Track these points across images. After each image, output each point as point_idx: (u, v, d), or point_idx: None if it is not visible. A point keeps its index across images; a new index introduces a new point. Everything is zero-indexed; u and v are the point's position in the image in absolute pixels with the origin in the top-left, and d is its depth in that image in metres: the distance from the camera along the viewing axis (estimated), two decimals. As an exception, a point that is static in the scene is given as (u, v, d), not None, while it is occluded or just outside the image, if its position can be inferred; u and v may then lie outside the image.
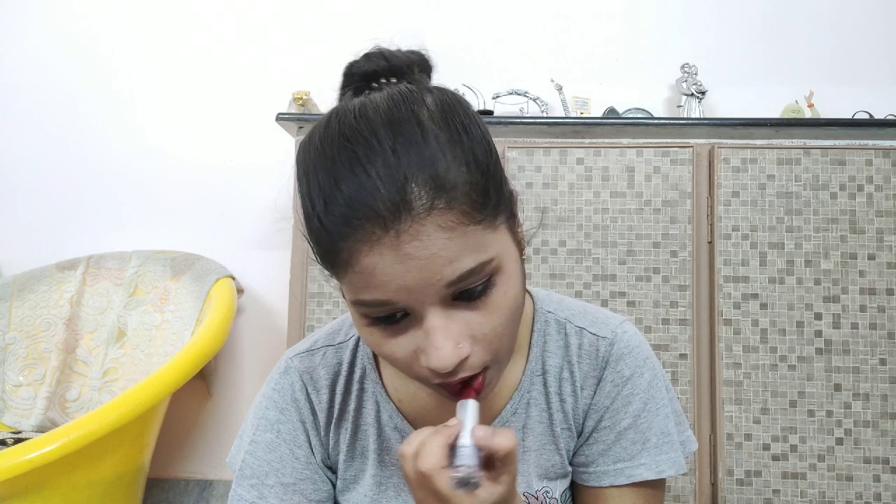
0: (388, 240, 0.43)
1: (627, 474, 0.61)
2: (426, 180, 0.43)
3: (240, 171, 2.01)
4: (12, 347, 1.80)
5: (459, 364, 0.47)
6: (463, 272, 0.44)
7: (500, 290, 0.47)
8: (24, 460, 1.20)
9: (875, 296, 1.49)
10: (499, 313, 0.48)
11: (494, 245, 0.47)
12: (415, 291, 0.44)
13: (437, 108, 0.47)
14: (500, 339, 0.49)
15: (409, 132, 0.45)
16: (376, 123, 0.45)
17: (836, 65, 1.94)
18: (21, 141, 2.09)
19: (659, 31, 1.99)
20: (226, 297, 1.73)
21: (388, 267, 0.44)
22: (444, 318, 0.46)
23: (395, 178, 0.43)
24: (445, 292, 0.45)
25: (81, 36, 2.10)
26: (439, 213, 0.43)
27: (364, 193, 0.43)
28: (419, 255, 0.43)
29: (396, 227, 0.43)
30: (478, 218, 0.45)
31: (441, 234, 0.43)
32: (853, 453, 1.45)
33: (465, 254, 0.44)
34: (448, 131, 0.46)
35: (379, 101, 0.48)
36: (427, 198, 0.43)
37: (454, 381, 0.48)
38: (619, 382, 0.62)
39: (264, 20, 2.06)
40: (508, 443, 0.45)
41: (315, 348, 0.66)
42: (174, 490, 1.94)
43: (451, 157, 0.45)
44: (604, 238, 1.54)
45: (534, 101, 1.85)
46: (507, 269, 0.48)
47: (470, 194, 0.45)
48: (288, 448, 0.63)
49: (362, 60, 0.52)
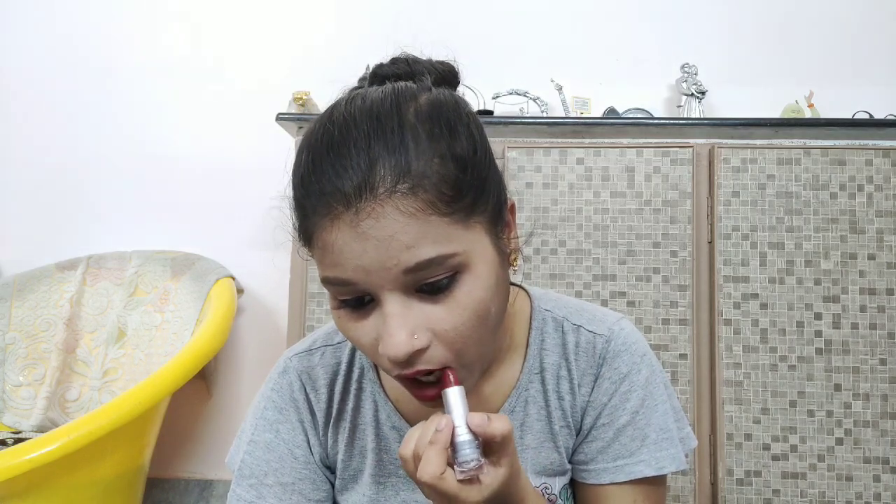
0: (347, 217, 0.45)
1: (627, 471, 0.61)
2: (393, 165, 0.45)
3: (240, 171, 2.01)
4: (12, 347, 1.80)
5: (415, 355, 0.47)
6: (420, 260, 0.45)
7: (465, 288, 0.47)
8: (24, 460, 1.20)
9: (875, 296, 1.49)
10: (461, 311, 0.47)
11: (462, 241, 0.47)
12: (372, 273, 0.45)
13: (427, 105, 0.49)
14: (463, 340, 0.48)
15: (387, 122, 0.47)
16: (361, 112, 0.48)
17: (836, 65, 1.94)
18: (21, 141, 2.09)
19: (659, 31, 1.99)
20: (226, 297, 1.73)
21: (346, 244, 0.45)
22: (403, 306, 0.46)
23: (363, 160, 0.45)
24: (404, 279, 0.45)
25: (81, 36, 2.10)
26: (401, 196, 0.44)
27: (333, 173, 0.45)
28: (375, 235, 0.44)
29: (357, 205, 0.44)
30: (444, 210, 0.46)
31: (399, 217, 0.44)
32: (853, 453, 1.45)
33: (424, 242, 0.45)
34: (430, 125, 0.47)
35: (373, 94, 0.50)
36: (390, 181, 0.44)
37: (409, 373, 0.48)
38: (617, 379, 0.62)
39: (264, 20, 2.06)
40: (505, 427, 0.46)
41: (314, 348, 0.66)
42: (174, 490, 1.94)
43: (423, 147, 0.46)
44: (604, 238, 1.54)
45: (534, 101, 1.85)
46: (476, 270, 0.48)
47: (439, 185, 0.46)
48: (287, 448, 0.63)
49: (388, 64, 0.55)
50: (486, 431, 0.45)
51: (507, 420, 0.46)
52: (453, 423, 0.46)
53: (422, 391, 0.50)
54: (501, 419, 0.46)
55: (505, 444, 0.46)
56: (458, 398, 0.47)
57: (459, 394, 0.48)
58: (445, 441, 0.46)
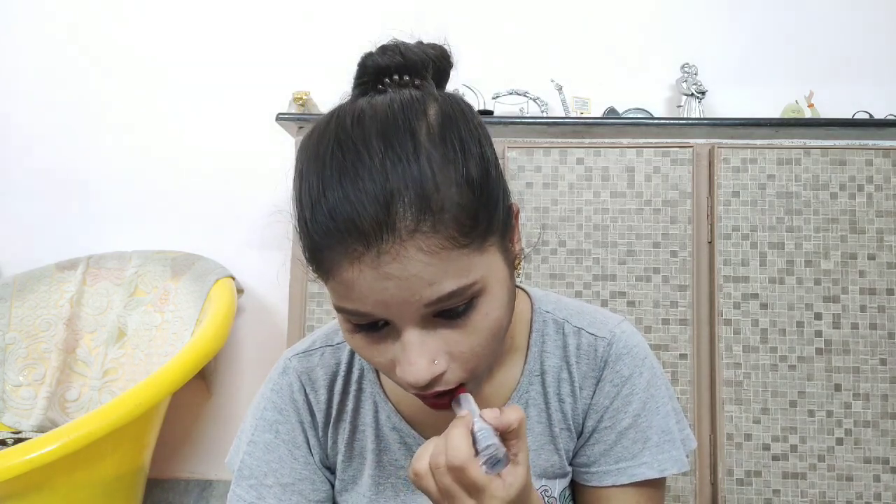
0: (368, 258, 0.43)
1: (629, 473, 0.61)
2: (412, 200, 0.42)
3: (240, 171, 2.01)
4: (12, 347, 1.80)
5: (434, 379, 0.47)
6: (442, 294, 0.44)
7: (482, 311, 0.47)
8: (24, 460, 1.20)
9: (875, 296, 1.49)
10: (478, 335, 0.48)
11: (480, 268, 0.46)
12: (393, 307, 0.45)
13: (437, 122, 0.46)
14: (477, 359, 0.49)
15: (401, 146, 0.44)
16: (370, 133, 0.45)
17: (836, 65, 1.94)
18: (21, 141, 2.09)
19: (659, 31, 1.99)
20: (226, 297, 1.73)
21: (367, 283, 0.44)
22: (422, 334, 0.46)
23: (380, 194, 0.42)
24: (424, 311, 0.45)
25: (81, 36, 2.10)
26: (423, 235, 0.42)
27: (348, 207, 0.43)
28: (399, 276, 0.43)
29: (378, 246, 0.42)
30: (463, 242, 0.44)
31: (422, 258, 0.43)
32: (853, 453, 1.45)
33: (446, 277, 0.44)
34: (444, 148, 0.45)
35: (379, 107, 0.47)
36: (412, 219, 0.42)
37: (428, 393, 0.48)
38: (619, 382, 0.62)
39: (264, 20, 2.06)
40: (517, 414, 0.46)
41: (313, 349, 0.66)
42: (174, 490, 1.94)
43: (441, 178, 0.44)
44: (604, 238, 1.54)
45: (534, 101, 1.85)
46: (491, 292, 0.48)
47: (458, 217, 0.44)
48: (286, 448, 0.63)
49: (378, 53, 0.51)
50: (502, 421, 0.45)
51: (520, 409, 0.46)
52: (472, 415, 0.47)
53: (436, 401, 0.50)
54: (514, 409, 0.46)
55: (520, 438, 0.46)
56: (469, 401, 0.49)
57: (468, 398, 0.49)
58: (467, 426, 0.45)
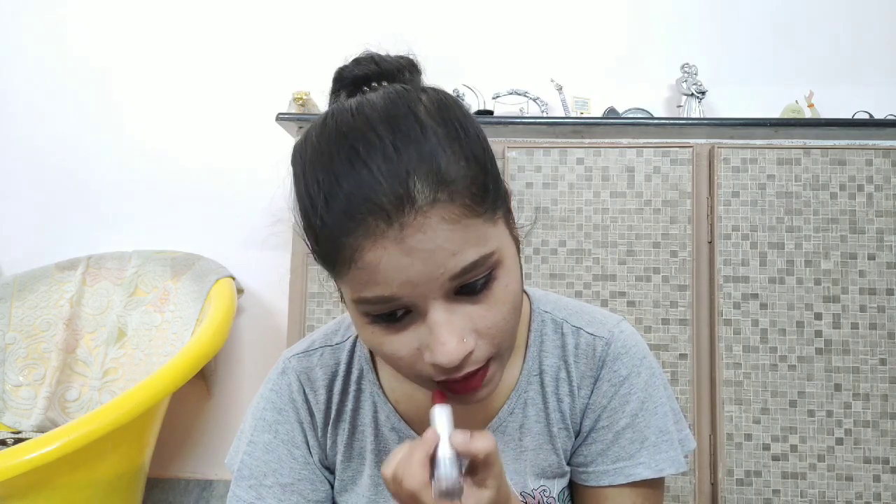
0: (392, 233, 0.43)
1: (626, 473, 0.61)
2: (427, 174, 0.43)
3: (240, 171, 2.01)
4: (12, 347, 1.80)
5: (465, 359, 0.47)
6: (466, 265, 0.45)
7: (502, 283, 0.48)
8: (24, 460, 1.20)
9: (875, 296, 1.49)
10: (501, 307, 0.48)
11: (495, 239, 0.47)
12: (419, 285, 0.44)
13: (434, 106, 0.48)
14: (502, 334, 0.49)
15: (407, 128, 0.45)
16: (374, 120, 0.46)
17: (836, 65, 1.94)
18: (21, 141, 2.09)
19: (659, 31, 1.99)
20: (226, 297, 1.73)
21: (392, 261, 0.43)
22: (448, 312, 0.46)
23: (396, 172, 0.43)
24: (449, 286, 0.45)
25: (80, 36, 2.10)
26: (442, 205, 0.43)
27: (366, 188, 0.43)
28: (424, 248, 0.43)
29: (400, 220, 0.43)
30: (478, 211, 0.46)
31: (445, 227, 0.43)
32: (853, 453, 1.45)
33: (467, 246, 0.45)
34: (446, 127, 0.46)
35: (375, 99, 0.48)
36: (430, 191, 0.43)
37: (458, 376, 0.48)
38: (617, 382, 0.62)
39: (264, 20, 2.06)
40: (487, 444, 0.45)
41: (312, 349, 0.66)
42: (174, 490, 1.94)
43: (450, 152, 0.45)
44: (604, 238, 1.54)
45: (534, 101, 1.85)
46: (507, 264, 0.48)
47: (470, 188, 0.45)
48: (286, 449, 0.63)
49: (352, 65, 0.52)
50: (469, 448, 0.45)
51: (491, 437, 0.45)
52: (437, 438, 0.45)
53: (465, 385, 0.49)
54: (485, 436, 0.45)
55: (489, 464, 0.45)
56: (445, 416, 0.47)
57: (447, 412, 0.47)
58: (426, 452, 0.45)
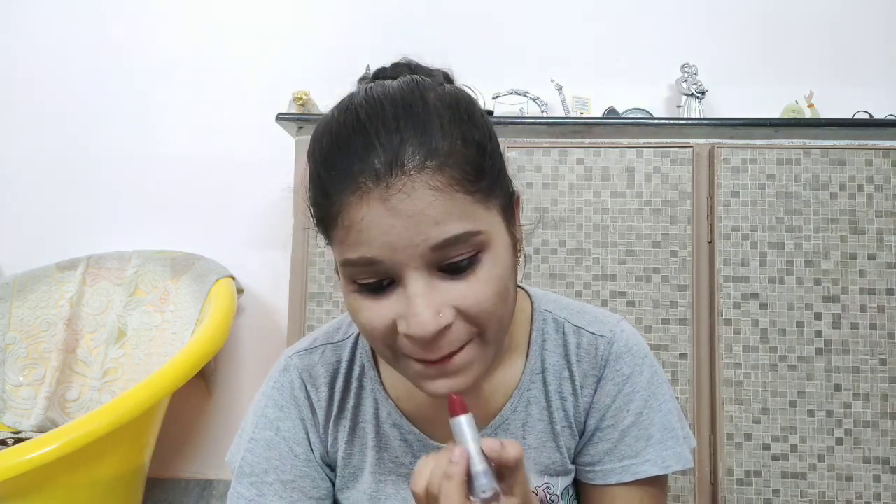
0: (377, 192, 0.45)
1: (633, 471, 0.61)
2: (421, 144, 0.46)
3: (240, 171, 2.01)
4: (12, 347, 1.80)
5: (440, 334, 0.47)
6: (449, 236, 0.46)
7: (486, 267, 0.48)
8: (24, 460, 1.20)
9: (875, 296, 1.49)
10: (483, 288, 0.48)
11: (484, 221, 0.48)
12: (399, 250, 0.45)
13: (447, 96, 0.51)
14: (484, 315, 0.48)
15: (413, 105, 0.48)
16: (384, 98, 0.49)
17: (836, 65, 1.94)
18: (21, 141, 2.09)
19: (659, 31, 1.99)
20: (226, 297, 1.73)
21: (375, 219, 0.45)
22: (427, 285, 0.47)
23: (391, 139, 0.46)
24: (430, 256, 0.46)
25: (80, 36, 2.10)
26: (429, 172, 0.45)
27: (361, 151, 0.46)
28: (406, 210, 0.45)
29: (387, 180, 0.45)
30: (469, 188, 0.47)
31: (429, 192, 0.45)
32: (853, 453, 1.45)
33: (452, 218, 0.46)
34: (452, 111, 0.49)
35: (392, 83, 0.52)
36: (420, 158, 0.45)
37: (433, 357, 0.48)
38: (620, 381, 0.62)
39: (264, 20, 2.06)
40: (518, 452, 0.45)
41: (314, 346, 0.66)
42: (174, 490, 1.94)
43: (449, 131, 0.48)
44: (604, 238, 1.54)
45: (534, 101, 1.85)
46: (495, 250, 0.49)
47: (463, 165, 0.47)
48: (287, 446, 0.63)
49: (390, 68, 0.56)
50: (502, 457, 0.44)
51: (519, 446, 0.45)
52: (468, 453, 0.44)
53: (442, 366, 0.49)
54: (514, 445, 0.45)
55: (517, 470, 0.45)
56: (468, 426, 0.46)
57: (469, 422, 0.46)
58: (462, 474, 0.44)
